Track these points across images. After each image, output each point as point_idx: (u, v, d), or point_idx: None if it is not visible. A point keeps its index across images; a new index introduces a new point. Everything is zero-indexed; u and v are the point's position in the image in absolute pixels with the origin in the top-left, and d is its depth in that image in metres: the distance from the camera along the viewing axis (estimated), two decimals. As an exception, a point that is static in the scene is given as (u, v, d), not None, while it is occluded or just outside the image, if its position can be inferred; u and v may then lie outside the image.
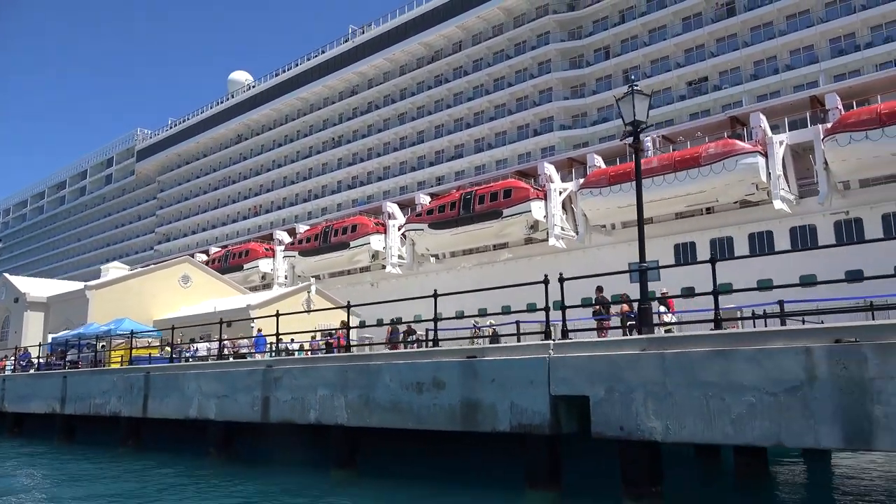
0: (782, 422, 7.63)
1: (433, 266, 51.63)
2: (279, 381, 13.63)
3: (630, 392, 8.82)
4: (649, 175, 38.62)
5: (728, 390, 8.03)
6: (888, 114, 31.48)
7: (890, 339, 7.19)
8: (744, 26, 45.13)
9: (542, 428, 9.62)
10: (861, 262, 31.93)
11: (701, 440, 8.24)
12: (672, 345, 8.74)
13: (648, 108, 11.86)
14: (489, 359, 10.43)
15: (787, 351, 7.70)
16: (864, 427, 7.15)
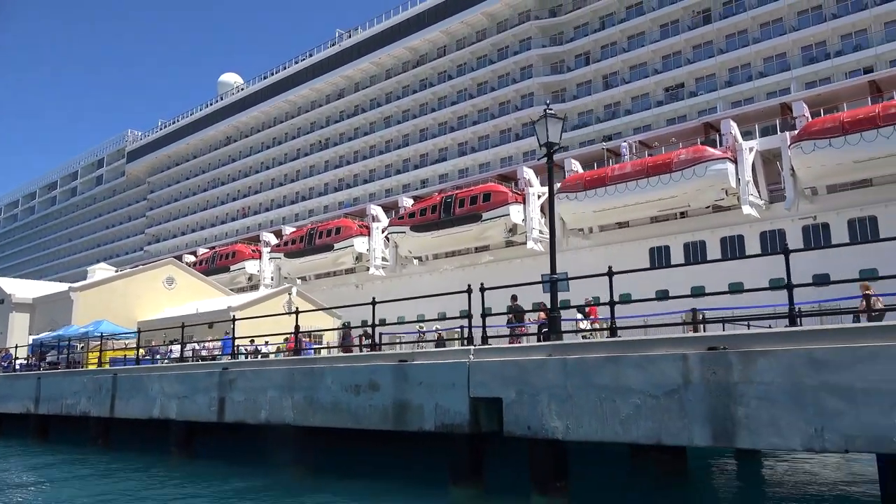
0: (662, 422, 8.38)
1: (416, 268, 52.34)
2: (234, 383, 14.35)
3: (536, 394, 9.57)
4: (623, 180, 39.54)
5: (618, 393, 8.79)
6: (850, 122, 32.32)
7: (751, 346, 7.94)
8: (719, 34, 45.99)
9: (462, 427, 10.36)
10: (828, 266, 32.79)
11: (595, 438, 8.98)
12: (573, 351, 9.49)
13: (562, 131, 12.46)
14: (418, 363, 11.18)
15: (667, 357, 8.45)
16: (728, 426, 7.90)
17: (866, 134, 31.69)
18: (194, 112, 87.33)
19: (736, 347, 8.01)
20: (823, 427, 7.28)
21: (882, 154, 31.57)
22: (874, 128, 31.48)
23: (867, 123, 31.73)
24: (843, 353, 7.27)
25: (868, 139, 31.67)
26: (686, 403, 8.21)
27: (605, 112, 50.79)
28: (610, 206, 40.16)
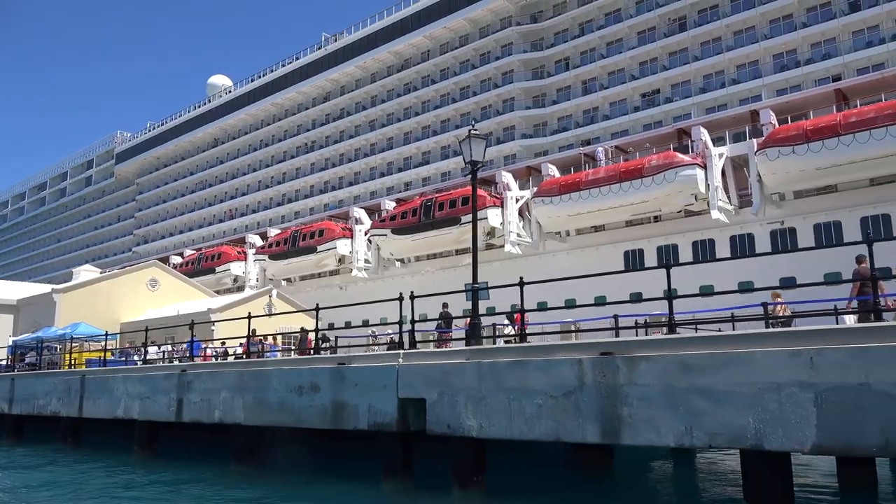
0: (560, 420, 9.15)
1: (399, 270, 53.09)
2: (191, 385, 15.07)
3: (455, 395, 10.33)
4: (597, 185, 40.39)
5: (524, 394, 9.56)
6: (813, 130, 33.22)
7: (636, 352, 8.72)
8: (694, 41, 46.86)
9: (391, 426, 11.11)
10: (794, 269, 33.72)
11: (504, 436, 9.75)
12: (487, 356, 10.26)
13: (485, 149, 13.19)
14: (354, 366, 11.93)
15: (565, 361, 9.23)
16: (615, 424, 8.68)
17: (828, 142, 32.62)
18: (182, 114, 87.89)
19: (623, 353, 8.79)
20: (692, 425, 8.07)
21: (843, 161, 32.49)
22: (835, 136, 32.39)
23: (829, 132, 32.64)
24: (707, 358, 8.06)
25: (829, 147, 32.60)
26: (581, 404, 8.99)
27: (584, 117, 51.63)
28: (584, 211, 40.99)
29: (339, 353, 15.62)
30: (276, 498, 11.69)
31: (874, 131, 31.30)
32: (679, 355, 8.28)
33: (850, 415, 7.03)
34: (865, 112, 32.23)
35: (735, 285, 34.64)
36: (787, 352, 7.48)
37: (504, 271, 44.29)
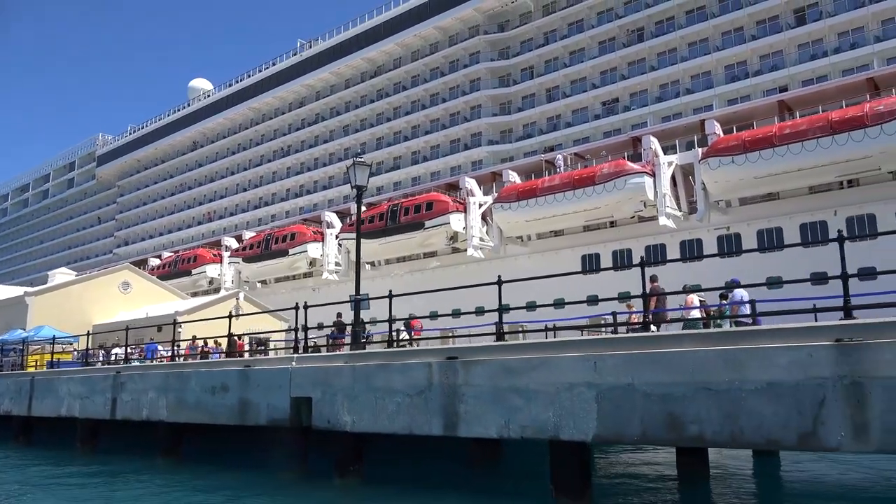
0: (413, 416, 10.52)
1: (369, 272, 54.33)
2: (124, 385, 16.36)
3: (335, 394, 11.68)
4: (552, 192, 41.84)
5: (387, 393, 10.92)
6: (751, 141, 34.77)
7: (472, 357, 10.10)
8: (651, 51, 48.39)
9: (285, 422, 12.45)
10: (738, 273, 35.16)
11: (371, 430, 11.10)
12: (360, 359, 11.62)
13: (369, 176, 14.51)
14: (257, 368, 13.27)
15: (418, 365, 10.60)
16: (454, 419, 10.05)
17: (764, 152, 34.17)
18: (163, 117, 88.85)
19: (463, 357, 10.17)
20: (509, 419, 9.45)
21: (778, 171, 34.04)
22: (771, 147, 33.94)
23: (765, 143, 34.19)
24: (523, 362, 9.45)
25: (766, 157, 34.14)
26: (429, 402, 10.35)
27: (548, 124, 53.08)
28: (541, 216, 42.41)
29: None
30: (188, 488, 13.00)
31: (806, 143, 32.88)
32: (503, 360, 9.67)
33: (621, 410, 8.43)
34: (799, 124, 33.81)
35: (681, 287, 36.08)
36: (578, 357, 8.88)
37: (469, 274, 45.85)
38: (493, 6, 56.42)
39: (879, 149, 31.36)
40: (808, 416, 7.14)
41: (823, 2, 42.06)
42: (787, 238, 36.61)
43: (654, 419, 8.15)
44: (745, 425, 7.52)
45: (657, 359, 8.24)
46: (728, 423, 7.62)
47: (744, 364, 7.60)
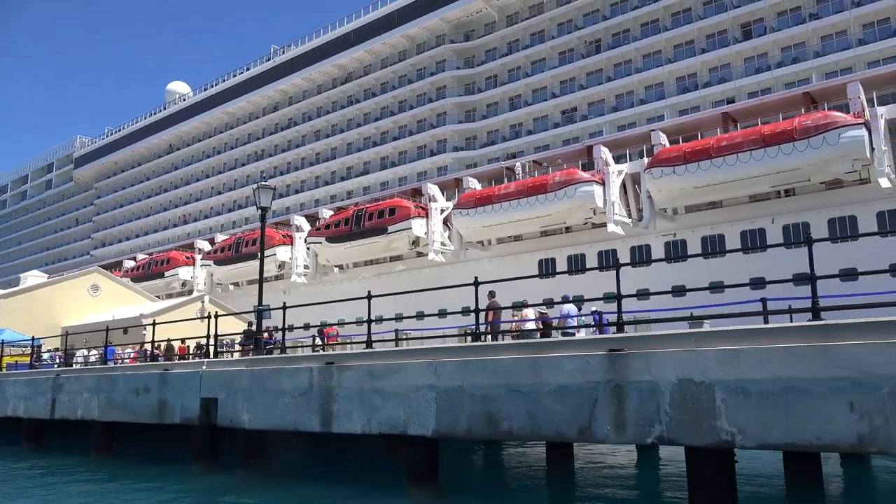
0: (298, 414, 11.90)
1: (337, 275, 55.66)
2: (62, 387, 17.62)
3: (236, 395, 13.04)
4: (508, 199, 43.31)
5: (278, 394, 12.28)
6: (691, 152, 36.39)
7: (344, 362, 11.49)
8: (608, 62, 50.00)
9: (195, 420, 13.79)
10: (684, 278, 36.99)
11: (264, 427, 12.47)
12: (258, 364, 12.98)
13: (272, 198, 15.86)
14: (173, 371, 14.59)
15: (302, 369, 11.97)
16: (329, 417, 11.42)
17: (702, 163, 35.79)
18: (139, 120, 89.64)
19: (338, 363, 11.56)
20: (371, 417, 10.85)
21: (716, 181, 35.67)
22: (708, 158, 35.58)
23: (703, 154, 35.82)
24: (384, 367, 10.85)
25: (704, 168, 35.77)
26: (310, 401, 11.74)
27: (511, 132, 54.58)
28: (497, 222, 43.86)
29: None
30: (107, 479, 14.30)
31: (741, 155, 34.52)
32: (367, 365, 11.07)
33: (454, 408, 9.85)
34: (735, 137, 35.47)
35: (633, 292, 37.64)
36: (424, 363, 10.29)
37: (432, 277, 47.35)
38: (459, 16, 57.86)
39: (807, 161, 33.05)
40: (586, 413, 8.57)
41: (768, 17, 43.80)
42: (728, 244, 38.28)
43: (477, 417, 9.58)
44: (541, 421, 8.95)
45: (481, 365, 9.66)
46: (530, 420, 9.05)
47: (543, 369, 9.03)
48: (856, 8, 40.33)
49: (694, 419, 7.75)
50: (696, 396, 7.75)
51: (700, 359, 7.79)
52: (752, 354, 7.45)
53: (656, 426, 8.01)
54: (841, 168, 32.93)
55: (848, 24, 40.74)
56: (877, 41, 39.59)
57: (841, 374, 6.89)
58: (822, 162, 32.91)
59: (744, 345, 7.61)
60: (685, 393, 7.83)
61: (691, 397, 7.78)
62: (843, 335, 7.06)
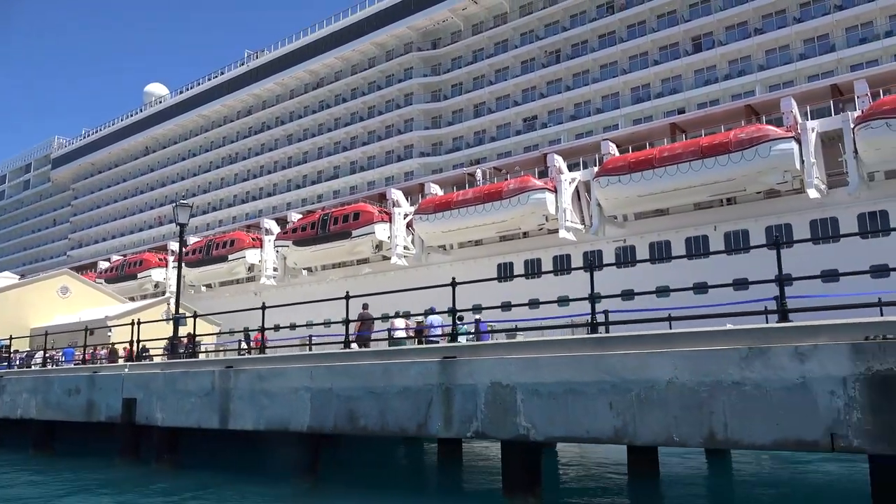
0: (201, 413, 13.20)
1: (306, 278, 56.84)
2: (4, 388, 18.82)
3: (151, 396, 14.32)
4: (465, 205, 44.69)
5: (185, 394, 13.58)
6: (634, 162, 37.95)
7: (241, 366, 12.81)
8: (567, 72, 51.54)
9: (118, 418, 15.06)
10: (632, 283, 38.43)
11: (174, 424, 13.77)
12: (171, 367, 14.28)
13: (190, 216, 17.15)
14: (101, 374, 15.85)
15: (206, 371, 13.28)
16: (227, 415, 12.74)
17: (645, 173, 37.34)
18: (117, 122, 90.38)
19: (236, 366, 12.88)
20: (259, 416, 12.18)
21: (657, 190, 37.22)
22: (651, 168, 37.14)
23: (645, 164, 37.37)
24: (269, 371, 12.18)
25: (647, 177, 37.31)
26: (212, 401, 13.05)
27: (475, 138, 55.99)
28: (455, 228, 45.24)
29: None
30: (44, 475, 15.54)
31: (680, 165, 36.10)
32: (258, 368, 12.40)
33: (324, 407, 11.20)
34: (675, 148, 37.04)
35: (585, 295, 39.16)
36: (302, 367, 11.64)
37: (397, 279, 48.70)
38: (426, 25, 59.21)
39: (741, 172, 34.66)
40: (423, 411, 9.95)
41: (717, 31, 45.47)
42: (674, 250, 39.87)
43: (341, 415, 10.94)
44: (389, 419, 10.32)
45: (346, 370, 11.02)
46: (381, 417, 10.42)
47: (392, 374, 10.40)
48: (797, 24, 42.05)
49: (501, 416, 9.14)
50: (503, 397, 9.14)
51: (507, 365, 9.19)
52: (545, 361, 8.85)
53: (474, 422, 9.40)
54: (773, 179, 34.55)
55: (790, 39, 42.45)
56: (816, 56, 41.31)
57: (605, 379, 8.30)
58: (755, 173, 34.51)
59: (542, 353, 9.01)
60: (496, 394, 9.22)
61: (500, 398, 9.17)
62: (610, 346, 8.48)
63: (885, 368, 6.57)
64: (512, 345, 9.56)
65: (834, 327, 7.05)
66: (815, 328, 7.17)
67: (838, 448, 6.74)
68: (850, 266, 29.85)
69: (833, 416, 6.80)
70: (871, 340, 6.69)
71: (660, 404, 7.84)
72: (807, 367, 7.00)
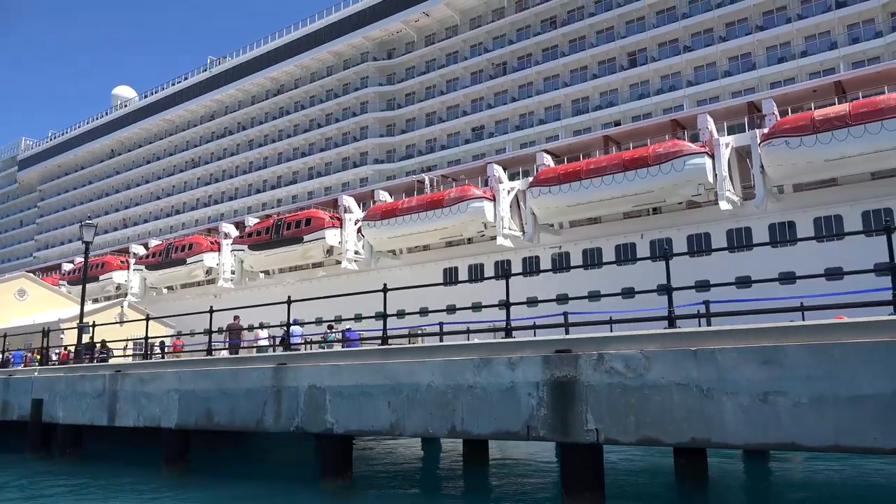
0: (94, 411, 14.93)
1: (263, 281, 58.40)
2: (-65, 389, 20.37)
3: (55, 396, 16.03)
4: (409, 212, 46.54)
5: (83, 395, 15.30)
6: (564, 174, 40.04)
7: (129, 370, 14.56)
8: (513, 84, 53.59)
9: (27, 417, 16.75)
10: (566, 287, 40.52)
11: (72, 422, 15.49)
12: (71, 371, 15.99)
13: (94, 234, 18.83)
14: (15, 377, 17.52)
15: (97, 376, 15.02)
16: (114, 413, 14.49)
17: (573, 184, 39.45)
18: (83, 124, 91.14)
19: (124, 370, 14.63)
20: (140, 414, 13.94)
21: (584, 201, 39.30)
22: (578, 179, 39.24)
23: (573, 176, 39.46)
24: (147, 374, 13.94)
25: (574, 188, 39.38)
26: (103, 401, 14.80)
27: (426, 146, 57.88)
28: (401, 234, 47.09)
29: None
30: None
31: (604, 177, 38.23)
32: (140, 373, 14.17)
33: (189, 407, 13.00)
34: (601, 160, 39.19)
35: (524, 300, 41.17)
36: (173, 371, 13.43)
37: (349, 283, 50.52)
38: (381, 35, 61.00)
39: (659, 185, 36.86)
40: (260, 410, 11.80)
41: (651, 48, 47.71)
42: (605, 257, 42.05)
43: (201, 413, 12.75)
44: (236, 416, 12.16)
45: (205, 373, 12.84)
46: (230, 415, 12.25)
47: (239, 377, 12.24)
48: (722, 43, 44.40)
49: (314, 413, 11.02)
50: (316, 398, 11.02)
51: (321, 371, 11.06)
52: (346, 368, 10.75)
53: (296, 419, 11.27)
54: (688, 191, 36.79)
55: (716, 56, 44.78)
56: (739, 73, 43.67)
57: (386, 383, 10.21)
58: (672, 185, 36.72)
59: (344, 361, 10.90)
60: (311, 395, 11.09)
61: (314, 398, 11.04)
62: (391, 356, 10.38)
63: (562, 375, 8.51)
64: (326, 354, 11.41)
65: (534, 343, 9.00)
66: (523, 343, 9.12)
67: (532, 437, 8.68)
68: (762, 273, 32.30)
69: (529, 412, 8.74)
70: (555, 353, 8.64)
71: (421, 403, 9.75)
72: (515, 374, 8.94)
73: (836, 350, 6.74)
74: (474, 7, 56.39)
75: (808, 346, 6.91)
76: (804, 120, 33.37)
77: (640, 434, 7.85)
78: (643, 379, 7.89)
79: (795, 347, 6.98)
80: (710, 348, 7.51)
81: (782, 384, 7.01)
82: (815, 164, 33.03)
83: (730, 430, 7.27)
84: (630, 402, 7.95)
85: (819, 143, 32.57)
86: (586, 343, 8.51)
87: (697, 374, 7.54)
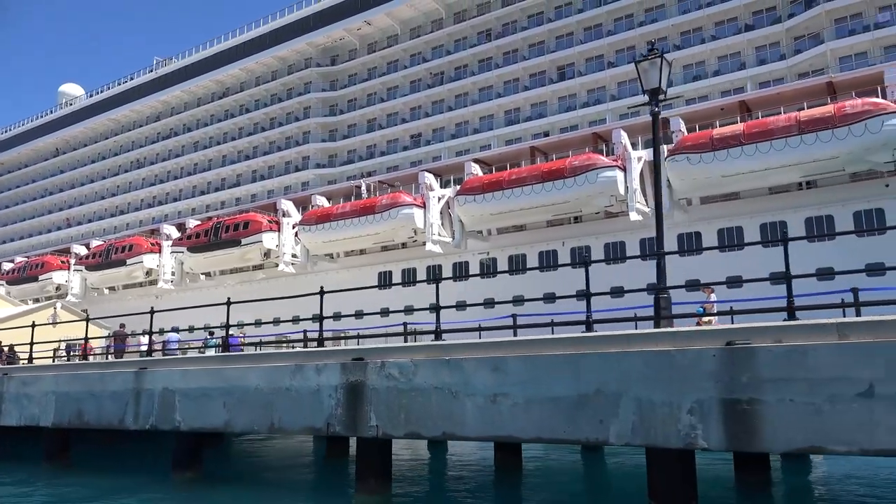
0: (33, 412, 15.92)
1: (204, 282, 58.94)
2: None
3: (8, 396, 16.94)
4: (342, 218, 47.81)
5: (23, 396, 16.26)
6: (488, 183, 41.79)
7: (14, 374, 15.62)
8: (450, 93, 55.22)
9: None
10: (493, 292, 42.12)
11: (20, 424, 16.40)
12: (13, 372, 16.95)
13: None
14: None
15: (45, 377, 16.03)
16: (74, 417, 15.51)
17: (496, 193, 41.21)
18: (28, 122, 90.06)
19: (10, 373, 15.67)
20: (21, 413, 15.02)
21: (506, 209, 41.08)
22: (500, 189, 41.01)
23: (496, 185, 41.23)
24: (31, 377, 15.04)
25: (497, 197, 41.13)
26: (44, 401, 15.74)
27: (367, 152, 59.17)
28: (335, 238, 48.32)
29: None
30: None
31: (524, 187, 40.07)
32: (23, 376, 15.26)
33: (63, 406, 14.16)
34: (521, 171, 41.08)
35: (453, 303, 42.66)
36: (51, 375, 14.56)
37: (288, 285, 51.37)
38: (324, 42, 62.10)
39: (575, 196, 38.80)
40: (122, 409, 13.04)
41: (579, 63, 49.81)
42: (529, 263, 43.89)
43: (73, 412, 13.92)
44: (102, 415, 13.37)
45: (78, 377, 14.01)
46: (97, 414, 13.46)
47: (107, 380, 13.46)
48: (642, 60, 46.56)
49: (166, 413, 12.32)
50: (168, 399, 12.33)
51: (172, 374, 12.37)
52: (192, 372, 12.08)
53: (151, 418, 12.56)
54: (601, 202, 38.82)
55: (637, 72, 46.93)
56: (658, 90, 45.88)
57: (223, 386, 11.57)
58: (586, 196, 38.69)
59: (191, 366, 12.23)
60: (164, 396, 12.40)
61: (167, 399, 12.35)
62: (229, 362, 11.75)
63: (355, 380, 10.00)
64: (179, 360, 12.73)
65: (336, 352, 10.49)
66: (329, 352, 10.59)
67: (330, 433, 10.15)
68: (671, 280, 34.34)
69: (330, 411, 10.20)
70: (351, 361, 10.13)
71: (249, 404, 11.15)
72: (321, 378, 10.39)
73: (541, 361, 8.34)
74: (414, 17, 57.89)
75: (523, 358, 8.50)
76: (704, 138, 35.65)
77: (408, 429, 9.37)
78: (412, 383, 9.40)
79: (514, 358, 8.57)
80: (458, 358, 9.07)
81: (505, 388, 8.59)
82: (713, 179, 35.32)
83: (469, 426, 8.83)
84: (402, 402, 9.46)
85: (717, 160, 34.88)
86: (374, 352, 10.02)
87: (450, 379, 9.09)
